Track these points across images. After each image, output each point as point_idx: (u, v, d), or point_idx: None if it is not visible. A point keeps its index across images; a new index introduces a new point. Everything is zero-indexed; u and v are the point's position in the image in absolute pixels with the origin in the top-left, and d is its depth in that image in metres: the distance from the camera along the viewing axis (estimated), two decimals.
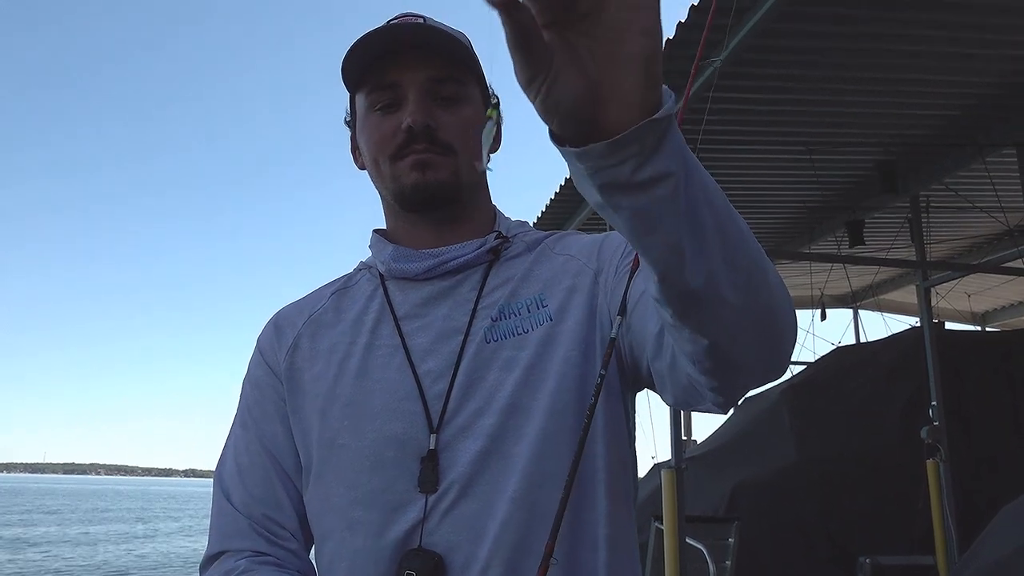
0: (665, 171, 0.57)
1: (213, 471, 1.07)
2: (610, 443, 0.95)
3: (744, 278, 0.65)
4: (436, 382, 0.96)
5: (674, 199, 0.58)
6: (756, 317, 0.67)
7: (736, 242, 0.64)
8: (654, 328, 0.83)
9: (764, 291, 0.67)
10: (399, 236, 1.08)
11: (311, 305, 1.10)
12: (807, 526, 5.92)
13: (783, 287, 0.71)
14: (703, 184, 0.61)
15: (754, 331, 0.68)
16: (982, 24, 3.97)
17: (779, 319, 0.69)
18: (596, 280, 0.99)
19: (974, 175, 5.96)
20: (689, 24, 3.94)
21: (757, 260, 0.66)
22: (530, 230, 1.10)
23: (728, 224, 0.63)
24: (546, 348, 0.95)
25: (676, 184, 0.58)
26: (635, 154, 0.55)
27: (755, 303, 0.67)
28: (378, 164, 1.02)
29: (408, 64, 0.99)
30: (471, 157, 1.02)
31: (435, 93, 1.00)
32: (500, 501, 0.90)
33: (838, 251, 7.25)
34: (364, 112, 1.03)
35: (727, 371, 0.71)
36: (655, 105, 0.55)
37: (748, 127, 5.11)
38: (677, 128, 0.58)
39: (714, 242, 0.62)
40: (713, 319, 0.66)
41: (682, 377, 0.78)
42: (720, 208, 0.63)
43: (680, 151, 0.58)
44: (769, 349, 0.71)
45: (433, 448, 0.92)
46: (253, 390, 1.08)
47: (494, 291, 1.00)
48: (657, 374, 0.85)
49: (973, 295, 9.79)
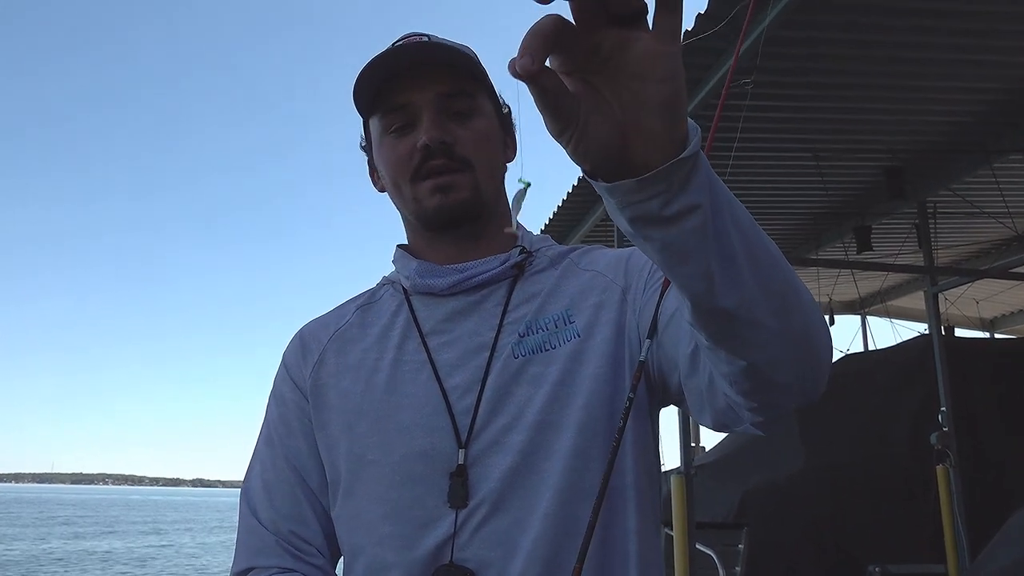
0: (692, 204, 0.58)
1: (220, 481, 1.07)
2: (639, 459, 0.95)
3: (778, 302, 0.66)
4: (463, 397, 0.96)
5: (703, 230, 0.59)
6: (792, 338, 0.68)
7: (767, 267, 0.65)
8: (687, 348, 0.83)
9: (798, 313, 0.68)
10: (422, 252, 1.08)
11: (336, 320, 1.10)
12: (816, 533, 5.90)
13: (816, 307, 0.71)
14: (732, 213, 0.62)
15: (791, 352, 0.68)
16: (990, 31, 3.98)
17: (814, 339, 0.70)
18: (624, 297, 0.99)
19: (982, 181, 5.95)
20: (696, 30, 3.96)
21: (790, 281, 0.67)
22: (553, 244, 1.10)
23: (758, 250, 0.64)
24: (575, 364, 0.95)
25: (704, 216, 0.59)
26: (663, 191, 0.56)
27: (790, 325, 0.67)
28: (399, 186, 1.03)
29: (417, 83, 0.99)
30: (489, 170, 1.03)
31: (447, 109, 1.00)
32: (532, 517, 0.90)
33: (846, 257, 7.24)
34: (379, 135, 1.04)
35: (765, 392, 0.71)
36: (681, 143, 0.56)
37: (755, 134, 5.12)
38: (704, 161, 0.59)
39: (745, 268, 0.63)
40: (749, 342, 0.67)
41: (720, 399, 0.78)
42: (750, 235, 0.64)
43: (707, 184, 0.59)
44: (806, 369, 0.71)
45: (462, 463, 0.93)
46: (278, 406, 1.08)
47: (520, 306, 1.00)
48: (693, 393, 0.85)
49: (982, 301, 9.76)
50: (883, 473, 6.10)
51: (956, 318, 9.85)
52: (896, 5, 3.75)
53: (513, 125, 1.12)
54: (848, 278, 8.13)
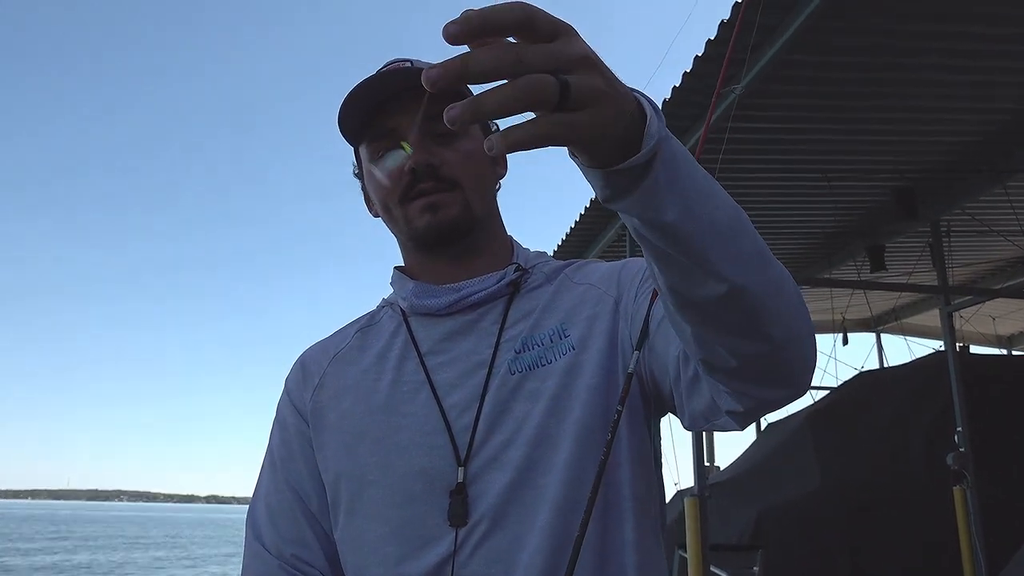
0: (643, 216, 0.61)
1: (234, 497, 1.09)
2: (636, 470, 0.96)
3: (772, 293, 0.69)
4: (462, 415, 0.97)
5: (673, 232, 0.63)
6: (782, 327, 0.70)
7: (753, 258, 0.68)
8: (676, 350, 0.85)
9: (788, 307, 0.71)
10: (418, 272, 1.09)
11: (336, 344, 1.12)
12: (832, 553, 5.86)
13: (803, 308, 0.74)
14: (710, 215, 0.64)
15: (783, 343, 0.71)
16: (1002, 52, 4.00)
17: (801, 331, 0.72)
18: (616, 308, 1.00)
19: (995, 200, 5.95)
20: (706, 57, 4.01)
21: (777, 279, 0.70)
22: (548, 260, 1.11)
23: (741, 243, 0.67)
24: (571, 377, 0.96)
25: (662, 225, 0.62)
26: (623, 187, 0.60)
27: (783, 322, 0.70)
28: (389, 209, 1.04)
29: (401, 108, 1.01)
30: (478, 189, 1.04)
31: (432, 131, 1.01)
32: (531, 532, 0.90)
33: (858, 276, 7.23)
34: (368, 162, 1.05)
35: (755, 384, 0.75)
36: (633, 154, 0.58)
37: (766, 155, 5.15)
38: (666, 167, 0.60)
39: (728, 261, 0.65)
40: (740, 329, 0.69)
41: (703, 395, 0.81)
42: (729, 230, 0.66)
43: (659, 196, 0.60)
44: (796, 360, 0.73)
45: (461, 481, 0.93)
46: (281, 431, 1.10)
47: (516, 323, 1.02)
48: (678, 394, 0.87)
49: (998, 318, 9.70)
50: (898, 492, 6.06)
51: (972, 335, 9.79)
52: (907, 28, 3.78)
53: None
54: (861, 296, 8.10)
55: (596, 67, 0.54)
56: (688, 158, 0.63)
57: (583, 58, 0.53)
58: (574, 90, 0.51)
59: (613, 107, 0.54)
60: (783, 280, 0.70)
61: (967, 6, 3.61)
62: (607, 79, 0.54)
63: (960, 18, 3.70)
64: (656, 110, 0.59)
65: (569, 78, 0.51)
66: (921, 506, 5.84)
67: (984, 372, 6.73)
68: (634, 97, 0.58)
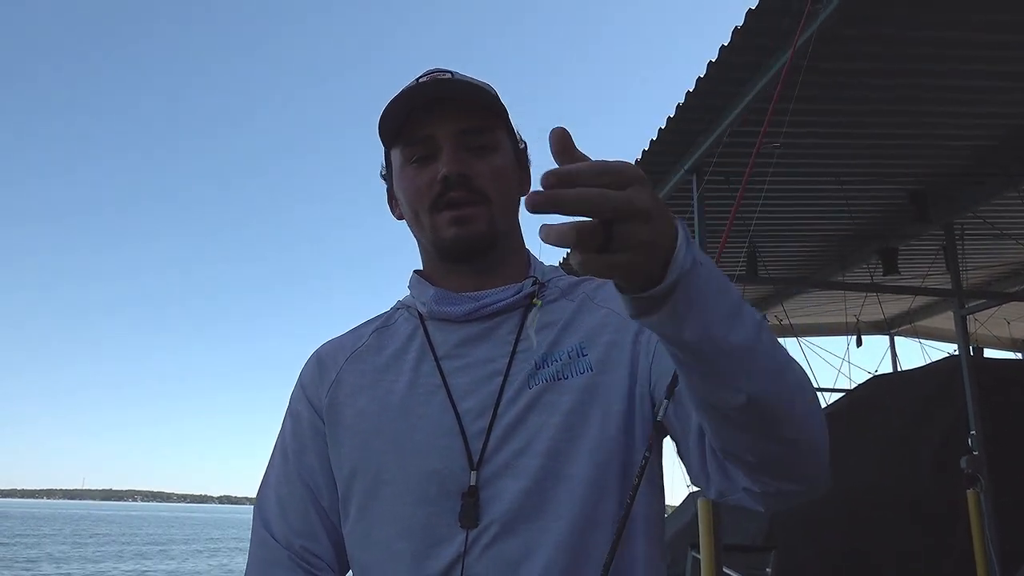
0: (674, 335, 0.68)
1: (247, 498, 1.11)
2: (647, 491, 0.98)
3: (787, 404, 0.75)
4: (476, 420, 0.98)
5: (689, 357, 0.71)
6: (803, 435, 0.78)
7: (773, 373, 0.74)
8: (696, 422, 0.90)
9: (807, 414, 0.78)
10: (437, 278, 1.11)
11: (353, 342, 1.13)
12: (845, 555, 5.87)
13: (816, 403, 0.81)
14: (721, 331, 0.70)
15: (803, 449, 0.79)
16: (1015, 57, 4.02)
17: (819, 434, 0.81)
18: (637, 339, 1.01)
19: (1008, 204, 5.95)
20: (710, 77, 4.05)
21: (798, 387, 0.77)
22: (563, 275, 1.13)
23: (762, 359, 0.73)
24: (587, 396, 0.98)
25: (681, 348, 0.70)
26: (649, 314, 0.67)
27: (803, 426, 0.77)
28: (417, 215, 1.06)
29: (440, 118, 1.03)
30: (504, 204, 1.06)
31: (467, 143, 1.03)
32: (544, 543, 0.92)
33: (871, 279, 7.23)
34: (400, 165, 1.07)
35: (780, 484, 0.82)
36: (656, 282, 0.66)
37: (781, 159, 5.17)
38: (686, 296, 0.67)
39: (751, 376, 0.72)
40: (765, 436, 0.76)
41: (736, 484, 0.86)
42: (749, 350, 0.72)
43: (683, 316, 0.67)
44: (816, 464, 0.81)
45: (474, 484, 0.95)
46: (294, 423, 1.11)
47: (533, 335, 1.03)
48: (699, 456, 0.91)
49: (1013, 321, 9.64)
50: (912, 496, 6.06)
51: (987, 339, 9.74)
52: (920, 34, 3.81)
53: (529, 161, 1.15)
54: (875, 299, 8.09)
55: (649, 220, 0.61)
56: (714, 284, 0.69)
57: (641, 210, 0.60)
58: (616, 240, 0.60)
59: (648, 254, 0.62)
60: (800, 387, 0.77)
61: (980, 13, 3.63)
62: (655, 228, 0.62)
63: (974, 24, 3.73)
64: (688, 241, 0.66)
65: (619, 228, 0.60)
66: (933, 510, 5.84)
67: (998, 376, 6.71)
68: (675, 229, 0.66)
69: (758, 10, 3.66)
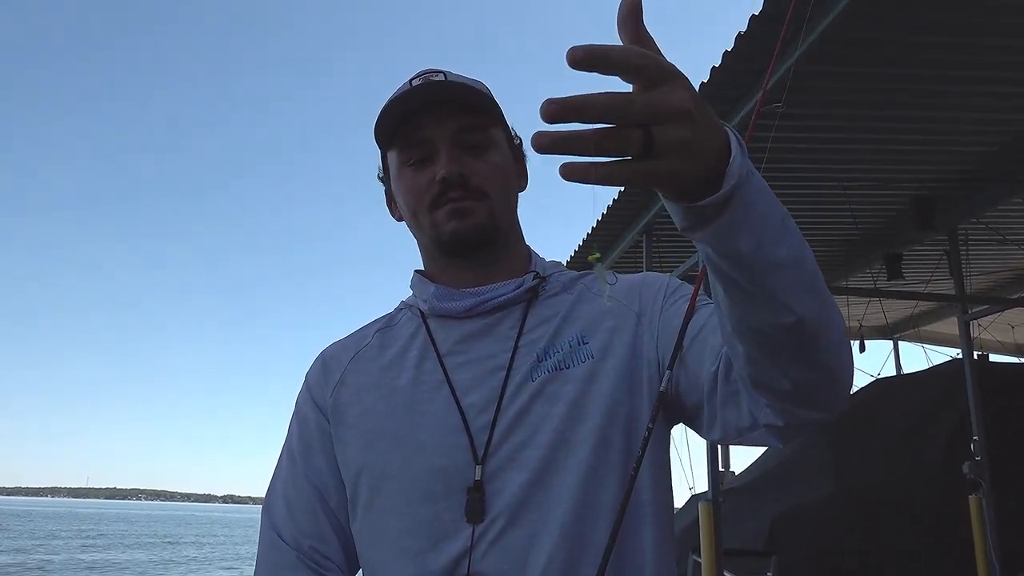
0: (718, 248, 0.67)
1: (251, 497, 1.12)
2: (656, 477, 0.99)
3: (825, 323, 0.75)
4: (480, 415, 0.99)
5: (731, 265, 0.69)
6: (833, 356, 0.77)
7: (815, 292, 0.74)
8: (711, 367, 0.89)
9: (837, 334, 0.77)
10: (438, 276, 1.12)
11: (356, 343, 1.15)
12: (846, 560, 5.87)
13: (845, 331, 0.81)
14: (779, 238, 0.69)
15: (831, 371, 0.78)
16: (1021, 63, 4.01)
17: (846, 356, 0.79)
18: (639, 321, 1.03)
19: (1012, 210, 5.94)
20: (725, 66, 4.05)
21: (830, 307, 0.76)
22: (564, 270, 1.14)
23: (805, 274, 0.73)
24: (589, 384, 0.99)
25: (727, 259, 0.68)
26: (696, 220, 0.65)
27: (831, 346, 0.76)
28: (416, 215, 1.08)
29: (435, 119, 1.04)
30: (503, 199, 1.08)
31: (463, 143, 1.05)
32: (547, 532, 0.92)
33: (875, 285, 7.22)
34: (397, 168, 1.08)
35: (802, 408, 0.80)
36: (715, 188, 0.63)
37: (784, 163, 5.18)
38: (743, 205, 0.64)
39: (796, 292, 0.72)
40: (799, 358, 0.75)
41: (743, 414, 0.86)
42: (795, 258, 0.71)
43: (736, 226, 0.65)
44: (840, 385, 0.80)
45: (479, 479, 0.96)
46: (300, 425, 1.12)
47: (535, 328, 1.04)
48: (711, 407, 0.91)
49: (1018, 326, 9.63)
50: (914, 500, 6.06)
51: (990, 344, 9.72)
52: (925, 39, 3.80)
53: (524, 155, 1.17)
54: (878, 304, 8.08)
55: (689, 119, 0.57)
56: (766, 195, 0.68)
57: (680, 111, 0.56)
58: (657, 144, 0.56)
59: (694, 157, 0.59)
60: (834, 313, 0.76)
61: (985, 17, 3.63)
62: (699, 130, 0.58)
63: (979, 29, 3.72)
64: (741, 148, 0.63)
65: (655, 131, 0.56)
66: (935, 514, 5.84)
67: (1002, 381, 6.70)
68: (724, 135, 0.62)
69: (761, 15, 3.67)
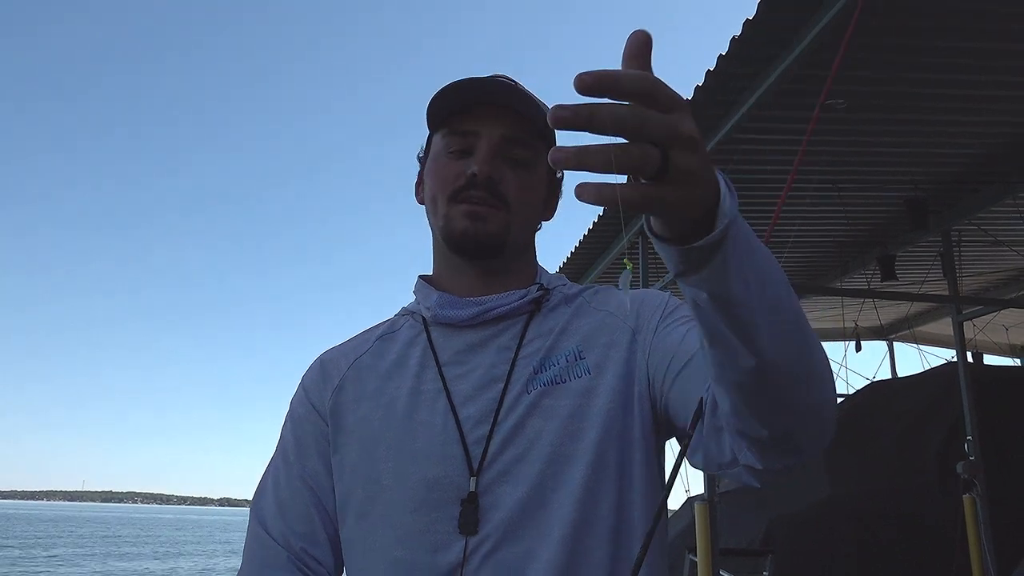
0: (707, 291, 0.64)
1: (247, 500, 1.11)
2: (647, 495, 0.98)
3: (805, 368, 0.71)
4: (476, 427, 0.98)
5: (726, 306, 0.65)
6: (814, 402, 0.73)
7: (793, 334, 0.69)
8: (703, 395, 0.86)
9: (820, 378, 0.73)
10: (444, 281, 1.11)
11: (356, 349, 1.14)
12: (842, 561, 5.88)
13: (829, 369, 0.76)
14: (764, 289, 0.66)
15: (812, 417, 0.74)
16: (1013, 66, 4.04)
17: (829, 401, 0.76)
18: (634, 338, 1.02)
19: (1005, 212, 5.97)
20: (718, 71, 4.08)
21: (813, 349, 0.72)
22: (568, 284, 1.13)
23: (786, 320, 0.68)
24: (586, 399, 0.98)
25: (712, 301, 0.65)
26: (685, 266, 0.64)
27: (813, 392, 0.72)
28: (436, 201, 1.07)
29: (489, 117, 1.04)
30: (522, 216, 1.07)
31: (506, 152, 1.04)
32: (542, 548, 0.92)
33: (868, 286, 7.25)
34: (437, 152, 1.08)
35: (783, 455, 0.77)
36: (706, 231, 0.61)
37: (777, 164, 5.21)
38: (736, 245, 0.62)
39: (771, 335, 0.67)
40: (778, 405, 0.72)
41: (724, 445, 0.82)
42: (779, 304, 0.67)
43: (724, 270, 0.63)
44: (821, 432, 0.76)
45: (473, 491, 0.95)
46: (295, 427, 1.11)
47: (534, 341, 1.04)
48: (698, 435, 0.88)
49: (1012, 328, 9.66)
50: (909, 502, 6.08)
51: (985, 345, 9.77)
52: (919, 42, 3.83)
53: (560, 190, 1.16)
54: (873, 305, 8.12)
55: (697, 147, 0.56)
56: (751, 234, 0.66)
57: (689, 138, 0.56)
58: (672, 167, 0.55)
59: (701, 187, 0.58)
60: (819, 352, 0.73)
61: (979, 20, 3.65)
62: (702, 160, 0.57)
63: (972, 32, 3.75)
64: (730, 188, 0.62)
65: (672, 153, 0.55)
66: (931, 516, 5.86)
67: (996, 382, 6.73)
68: (714, 176, 0.61)
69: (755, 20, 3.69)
